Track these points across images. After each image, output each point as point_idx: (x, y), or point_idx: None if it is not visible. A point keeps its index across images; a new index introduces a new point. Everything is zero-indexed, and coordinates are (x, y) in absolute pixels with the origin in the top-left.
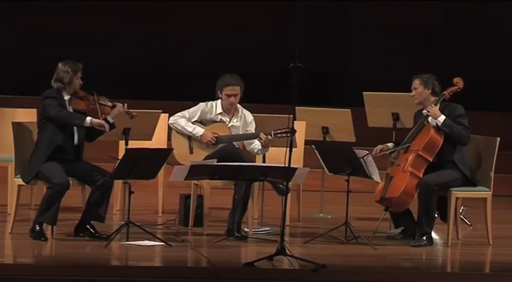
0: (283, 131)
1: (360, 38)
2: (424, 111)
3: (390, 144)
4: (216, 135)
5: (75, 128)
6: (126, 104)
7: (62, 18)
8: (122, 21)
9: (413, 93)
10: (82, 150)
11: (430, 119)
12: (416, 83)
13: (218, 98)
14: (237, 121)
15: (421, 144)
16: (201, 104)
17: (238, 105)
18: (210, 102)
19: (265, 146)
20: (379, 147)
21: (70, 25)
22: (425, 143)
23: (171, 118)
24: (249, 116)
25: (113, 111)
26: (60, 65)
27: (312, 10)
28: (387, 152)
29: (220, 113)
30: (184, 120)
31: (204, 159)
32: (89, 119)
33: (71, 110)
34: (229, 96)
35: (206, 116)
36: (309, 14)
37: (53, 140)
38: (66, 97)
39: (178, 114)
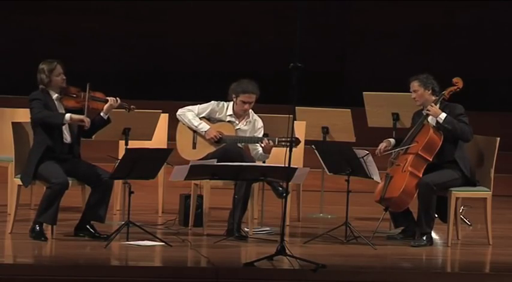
0: (287, 140)
1: (360, 38)
2: (424, 111)
3: (392, 140)
4: (221, 134)
5: (63, 126)
6: (118, 98)
7: (62, 18)
8: (121, 21)
9: (413, 95)
10: (77, 148)
11: (430, 118)
12: (415, 85)
13: (230, 100)
14: (245, 125)
15: (420, 144)
16: (212, 102)
17: (250, 109)
18: (222, 102)
19: (266, 151)
20: (382, 145)
21: (70, 25)
22: (424, 143)
23: (179, 110)
24: (259, 123)
25: (105, 107)
26: (39, 66)
27: (312, 10)
28: (389, 152)
29: (230, 115)
30: (192, 113)
31: (205, 157)
32: (68, 116)
33: (63, 109)
34: (244, 103)
35: (215, 115)
36: (309, 14)
37: (43, 142)
38: (54, 96)
39: (188, 107)
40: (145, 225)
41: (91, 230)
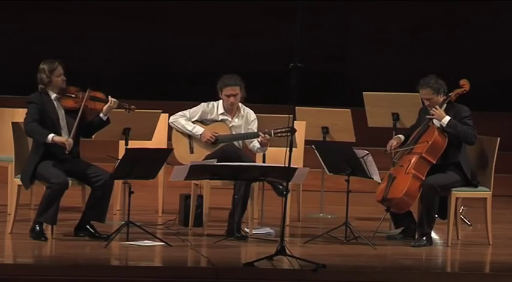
0: (283, 130)
1: (360, 38)
2: (429, 115)
3: (401, 136)
4: (216, 134)
5: (62, 127)
6: (117, 101)
7: (62, 18)
8: (121, 21)
9: (427, 103)
10: (77, 147)
11: (435, 120)
12: (428, 93)
13: (220, 99)
14: (238, 120)
15: (425, 146)
16: (202, 104)
17: (240, 104)
18: (211, 103)
19: (263, 144)
20: (393, 142)
21: (70, 25)
22: (429, 145)
23: (171, 117)
24: (251, 115)
25: (104, 107)
26: (40, 65)
27: (312, 10)
28: (399, 150)
29: (222, 113)
30: (184, 119)
31: (204, 159)
32: (50, 136)
33: (61, 109)
34: (228, 96)
35: (207, 116)
36: (309, 14)
37: (41, 144)
38: (53, 96)
39: (179, 113)
40: (145, 225)
41: (91, 230)
